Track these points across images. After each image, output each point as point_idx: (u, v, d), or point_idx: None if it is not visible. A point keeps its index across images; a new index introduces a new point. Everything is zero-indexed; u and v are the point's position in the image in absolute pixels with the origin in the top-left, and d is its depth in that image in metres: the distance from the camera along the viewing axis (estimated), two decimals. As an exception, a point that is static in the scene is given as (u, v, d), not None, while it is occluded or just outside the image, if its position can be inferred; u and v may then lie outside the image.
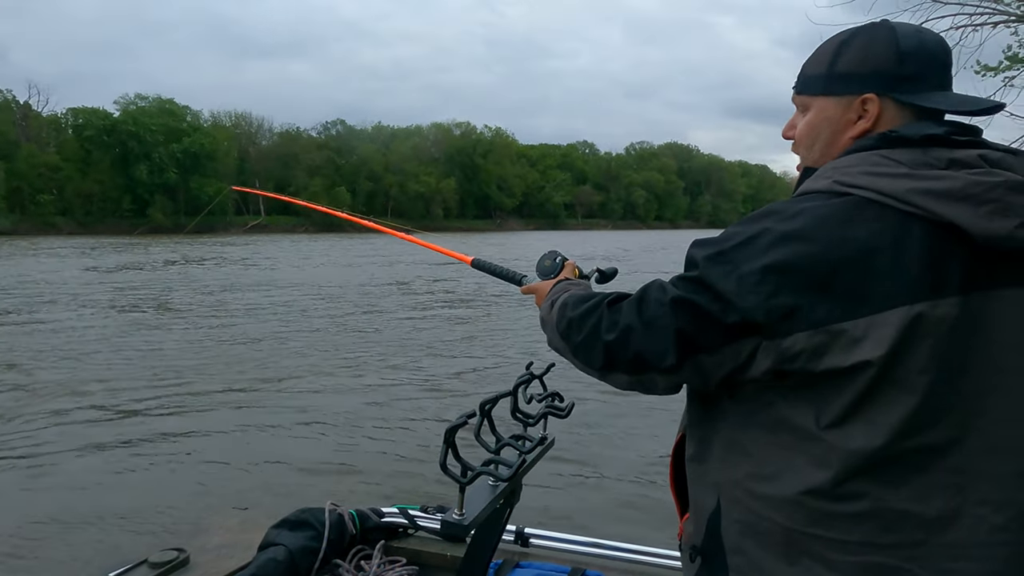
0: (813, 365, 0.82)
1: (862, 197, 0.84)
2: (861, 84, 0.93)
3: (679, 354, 0.90)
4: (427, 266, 22.68)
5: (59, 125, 66.89)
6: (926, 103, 0.92)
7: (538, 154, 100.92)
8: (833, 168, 0.90)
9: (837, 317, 0.81)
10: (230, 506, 2.54)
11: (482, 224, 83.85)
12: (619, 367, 0.96)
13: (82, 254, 29.91)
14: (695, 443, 1.00)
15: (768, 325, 0.83)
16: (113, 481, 4.83)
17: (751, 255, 0.85)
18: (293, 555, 1.74)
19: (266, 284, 18.04)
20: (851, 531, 0.84)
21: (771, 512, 0.87)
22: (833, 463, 0.83)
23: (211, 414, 6.41)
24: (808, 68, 1.00)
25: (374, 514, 1.98)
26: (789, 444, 0.87)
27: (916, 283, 0.81)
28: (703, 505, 0.97)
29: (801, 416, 0.85)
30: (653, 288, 0.95)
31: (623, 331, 0.94)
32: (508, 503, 1.45)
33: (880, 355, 0.80)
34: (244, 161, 73.69)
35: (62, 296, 15.07)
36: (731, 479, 0.93)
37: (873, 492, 0.83)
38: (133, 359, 8.73)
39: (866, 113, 0.93)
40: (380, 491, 4.45)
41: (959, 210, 0.81)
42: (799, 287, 0.82)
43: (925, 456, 0.83)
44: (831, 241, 0.82)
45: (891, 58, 0.91)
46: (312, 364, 8.54)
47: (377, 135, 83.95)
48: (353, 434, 5.83)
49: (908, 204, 0.82)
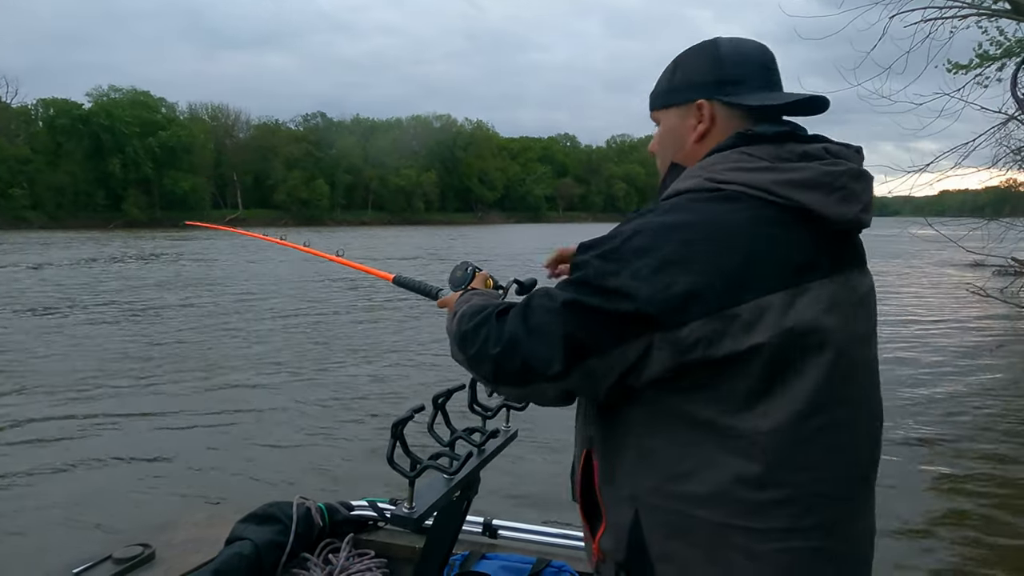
0: (712, 352, 0.83)
1: (732, 191, 0.90)
2: (693, 92, 1.02)
3: (567, 359, 0.88)
4: (394, 261, 22.59)
5: (29, 117, 65.27)
6: (751, 102, 0.99)
7: (519, 147, 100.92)
8: (701, 167, 0.96)
9: (729, 302, 0.83)
10: (200, 501, 2.52)
11: (463, 217, 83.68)
12: (507, 379, 0.94)
13: (46, 248, 29.31)
14: (602, 460, 0.98)
15: (663, 317, 0.84)
16: (80, 477, 4.76)
17: (640, 249, 0.86)
18: (259, 549, 1.72)
19: (225, 280, 17.78)
20: (774, 518, 0.85)
21: (695, 509, 0.87)
22: (745, 451, 0.85)
23: (183, 409, 6.33)
24: (654, 89, 1.10)
25: (343, 507, 1.97)
26: (699, 440, 0.87)
27: (792, 267, 0.87)
28: (621, 520, 0.95)
29: (705, 410, 0.86)
30: (539, 295, 0.94)
31: (508, 341, 0.92)
32: (465, 495, 1.45)
33: (771, 336, 0.84)
34: (221, 154, 72.55)
35: (34, 291, 14.78)
36: (646, 487, 0.91)
37: (789, 476, 0.86)
38: (92, 353, 8.60)
39: (702, 117, 1.01)
40: (354, 484, 4.43)
41: (814, 197, 0.89)
42: (691, 274, 0.84)
43: (830, 434, 0.88)
44: (715, 230, 0.86)
45: (712, 65, 1.01)
46: (281, 359, 8.47)
47: (356, 128, 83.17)
48: (327, 428, 5.81)
49: (772, 195, 0.89)
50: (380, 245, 34.07)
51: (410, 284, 1.57)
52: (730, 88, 1.00)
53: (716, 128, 1.00)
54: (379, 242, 37.10)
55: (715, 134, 1.00)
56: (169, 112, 68.41)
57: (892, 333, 10.49)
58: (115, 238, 39.30)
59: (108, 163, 60.39)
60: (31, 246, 30.85)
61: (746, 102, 0.99)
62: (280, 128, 79.99)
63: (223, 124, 77.69)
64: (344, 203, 76.72)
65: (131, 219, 58.54)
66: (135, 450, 5.23)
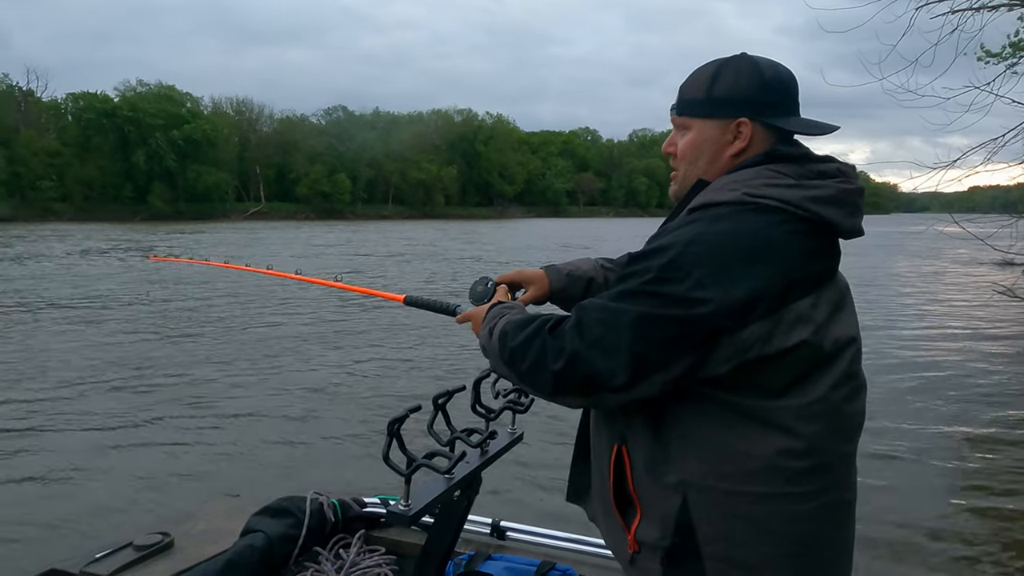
0: (766, 349, 0.94)
1: (768, 204, 0.99)
2: (736, 109, 1.08)
3: (633, 372, 0.93)
4: (395, 261, 22.63)
5: (59, 110, 66.53)
6: (785, 126, 1.09)
7: (539, 141, 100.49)
8: (735, 182, 1.04)
9: (779, 304, 0.94)
10: (221, 492, 2.58)
11: (483, 212, 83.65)
12: (569, 391, 0.99)
13: (71, 241, 29.86)
14: (641, 453, 1.03)
15: (730, 320, 0.91)
16: (108, 463, 4.87)
17: (701, 257, 0.94)
18: (272, 542, 1.76)
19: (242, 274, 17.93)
20: (810, 482, 0.98)
21: (746, 486, 0.96)
22: (788, 427, 0.96)
23: (210, 401, 6.45)
24: (687, 94, 1.13)
25: (356, 504, 2.00)
26: (746, 423, 0.96)
27: (817, 273, 1.00)
28: (666, 507, 1.00)
29: (750, 399, 0.96)
30: (593, 308, 0.98)
31: (570, 356, 0.96)
32: (465, 495, 1.47)
33: (810, 333, 0.96)
34: (244, 147, 73.29)
35: (58, 283, 15.09)
36: (697, 471, 0.98)
37: (823, 443, 0.98)
38: (134, 345, 8.77)
39: (740, 135, 1.09)
40: (370, 481, 4.47)
41: (834, 212, 1.01)
42: (751, 279, 0.93)
43: (852, 401, 1.03)
44: (763, 240, 0.96)
45: (757, 87, 1.08)
46: (308, 354, 8.56)
47: (377, 121, 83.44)
48: (349, 426, 5.85)
49: (803, 209, 0.99)
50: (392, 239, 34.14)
51: (423, 303, 1.56)
52: (769, 111, 1.08)
53: (750, 146, 1.08)
54: (390, 236, 37.21)
55: (748, 151, 1.09)
56: (194, 106, 69.14)
57: (912, 334, 10.33)
58: (138, 230, 39.89)
59: (133, 155, 61.31)
60: (50, 239, 31.43)
61: (781, 125, 1.08)
62: (303, 122, 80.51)
63: (247, 118, 78.38)
64: (365, 197, 77.11)
65: (156, 211, 59.39)
66: (164, 441, 5.34)
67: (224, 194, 66.68)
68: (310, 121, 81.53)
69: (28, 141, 57.72)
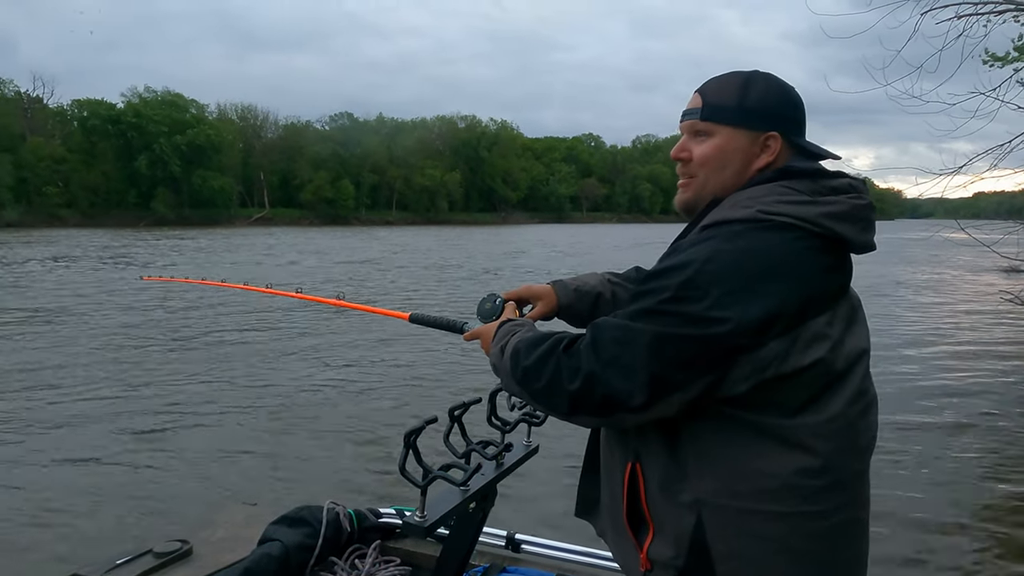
0: (783, 368, 0.93)
1: (783, 222, 0.98)
2: (769, 123, 1.08)
3: (651, 393, 0.92)
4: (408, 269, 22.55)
5: (64, 117, 66.97)
6: (804, 144, 1.11)
7: (543, 147, 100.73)
8: (749, 199, 1.02)
9: (797, 322, 0.93)
10: (239, 501, 2.60)
11: (487, 217, 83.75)
12: (586, 411, 0.97)
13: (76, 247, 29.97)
14: (655, 471, 1.02)
15: (748, 339, 0.90)
16: (129, 470, 4.88)
17: (719, 276, 0.92)
18: (289, 551, 1.78)
19: (257, 279, 17.93)
20: (826, 500, 0.97)
21: (763, 505, 0.95)
22: (805, 445, 0.95)
23: (228, 410, 6.44)
24: (714, 99, 1.10)
25: (372, 514, 2.01)
26: (762, 441, 0.95)
27: (832, 290, 1.00)
28: (681, 526, 0.99)
29: (767, 416, 0.95)
30: (609, 327, 0.96)
31: (586, 377, 0.94)
32: (481, 507, 1.47)
33: (827, 351, 0.96)
34: (249, 153, 73.58)
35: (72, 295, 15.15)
36: (712, 490, 0.97)
37: (839, 460, 0.98)
38: (154, 352, 8.81)
39: (768, 148, 1.08)
40: (386, 492, 4.46)
41: (848, 228, 1.00)
42: (769, 297, 0.91)
43: (866, 416, 1.03)
44: (780, 258, 0.95)
45: (786, 103, 1.10)
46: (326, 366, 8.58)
47: (381, 128, 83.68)
48: (368, 437, 5.79)
49: (818, 226, 0.98)
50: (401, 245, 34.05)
51: (429, 321, 1.55)
52: (795, 129, 1.10)
53: (775, 162, 1.08)
54: (399, 243, 37.17)
55: (772, 166, 1.08)
56: (199, 112, 69.49)
57: (920, 340, 10.30)
58: (146, 236, 40.00)
59: (137, 161, 61.56)
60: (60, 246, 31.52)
61: (801, 143, 1.10)
62: (307, 128, 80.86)
63: (251, 124, 78.74)
64: (369, 203, 77.29)
65: (160, 216, 59.59)
66: (184, 449, 5.35)
67: (228, 200, 66.91)
68: (315, 127, 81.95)
69: (34, 147, 58.16)
